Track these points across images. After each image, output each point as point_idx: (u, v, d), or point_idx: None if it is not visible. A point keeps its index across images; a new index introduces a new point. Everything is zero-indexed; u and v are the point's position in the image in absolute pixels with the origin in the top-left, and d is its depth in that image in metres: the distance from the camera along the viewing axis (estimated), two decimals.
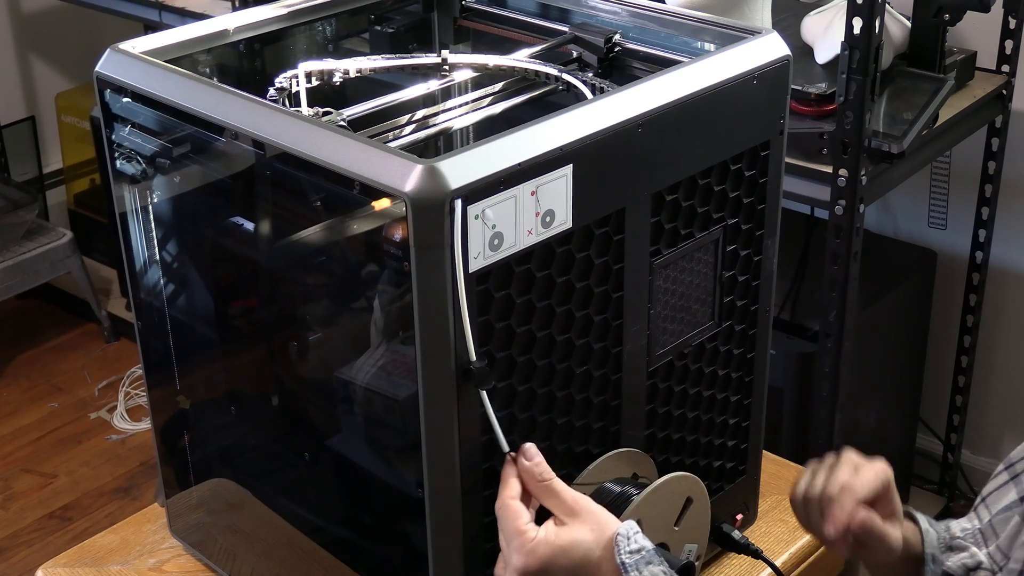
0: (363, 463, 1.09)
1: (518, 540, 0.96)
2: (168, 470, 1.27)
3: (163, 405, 1.25)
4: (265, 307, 1.13)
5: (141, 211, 1.14)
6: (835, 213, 1.86)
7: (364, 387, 1.01)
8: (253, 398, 1.18)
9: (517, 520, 0.96)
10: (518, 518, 0.96)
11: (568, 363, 1.02)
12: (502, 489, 0.98)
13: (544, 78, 1.16)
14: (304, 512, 1.16)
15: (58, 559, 1.29)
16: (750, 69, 1.06)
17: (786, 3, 2.20)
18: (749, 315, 1.17)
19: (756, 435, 1.24)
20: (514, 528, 0.96)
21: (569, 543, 0.95)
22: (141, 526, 1.32)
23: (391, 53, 1.21)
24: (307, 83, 1.11)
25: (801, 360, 2.11)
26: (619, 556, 0.94)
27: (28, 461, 2.87)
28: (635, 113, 0.98)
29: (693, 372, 1.14)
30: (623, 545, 0.95)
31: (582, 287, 1.00)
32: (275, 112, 0.98)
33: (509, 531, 0.96)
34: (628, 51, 1.19)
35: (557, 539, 0.95)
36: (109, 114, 1.10)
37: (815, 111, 1.88)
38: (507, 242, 0.92)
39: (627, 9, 1.22)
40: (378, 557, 1.10)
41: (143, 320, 1.20)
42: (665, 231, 1.05)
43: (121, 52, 1.10)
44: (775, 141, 1.12)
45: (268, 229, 1.06)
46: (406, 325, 0.91)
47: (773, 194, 1.14)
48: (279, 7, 1.22)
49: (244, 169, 1.03)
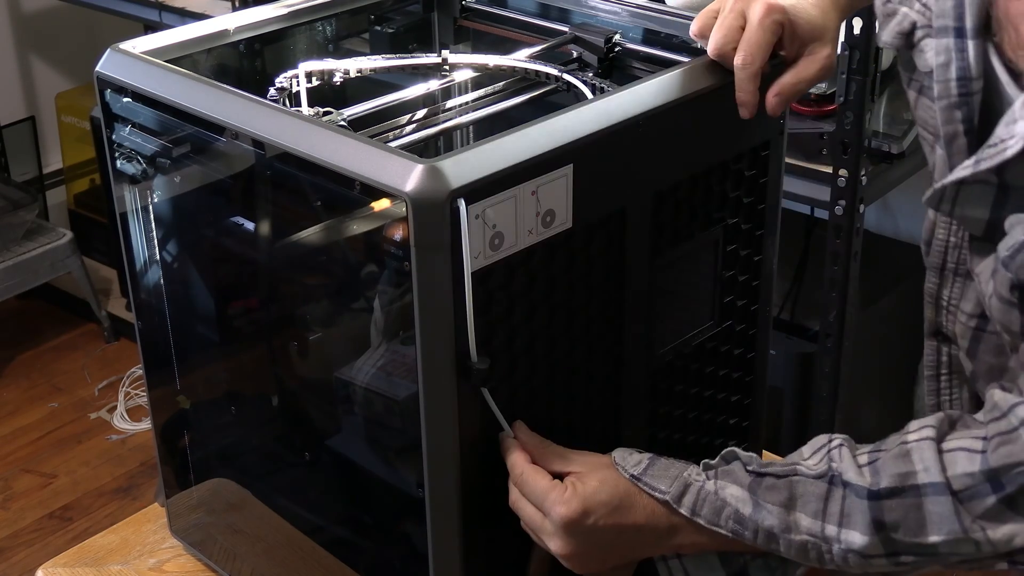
0: (363, 463, 1.09)
1: (553, 494, 0.96)
2: (168, 470, 1.27)
3: (163, 405, 1.25)
4: (265, 307, 1.13)
5: (141, 211, 1.14)
6: (835, 213, 1.86)
7: (364, 387, 1.01)
8: (253, 398, 1.18)
9: (543, 479, 0.97)
10: (543, 477, 0.97)
11: (568, 363, 1.02)
12: (515, 459, 0.98)
13: (544, 78, 1.16)
14: (304, 512, 1.16)
15: (58, 559, 1.29)
16: None
17: None
18: (749, 315, 1.17)
19: (756, 435, 1.24)
20: (544, 486, 0.97)
21: (599, 481, 0.96)
22: (141, 526, 1.32)
23: (391, 53, 1.21)
24: (307, 83, 1.11)
25: (801, 360, 2.11)
26: (626, 473, 0.97)
27: (28, 461, 2.87)
28: (635, 113, 0.98)
29: (693, 372, 1.14)
30: (624, 463, 0.98)
31: (582, 287, 1.00)
32: (275, 112, 0.98)
33: (540, 490, 0.97)
34: (628, 51, 1.19)
35: (586, 484, 0.96)
36: (109, 114, 1.10)
37: (815, 111, 1.88)
38: (507, 242, 0.92)
39: (627, 9, 1.22)
40: (378, 557, 1.10)
41: (143, 320, 1.20)
42: (665, 231, 1.05)
43: (121, 52, 1.10)
44: (775, 141, 1.12)
45: (268, 229, 1.06)
46: (406, 325, 0.91)
47: (773, 194, 1.14)
48: (279, 7, 1.22)
49: (244, 169, 1.03)
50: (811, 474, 0.93)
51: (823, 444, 0.95)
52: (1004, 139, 0.86)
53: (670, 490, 0.95)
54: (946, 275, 1.00)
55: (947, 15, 0.92)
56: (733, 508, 0.94)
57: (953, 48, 0.91)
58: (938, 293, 1.01)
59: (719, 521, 0.94)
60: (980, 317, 0.97)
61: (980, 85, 0.90)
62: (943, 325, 1.02)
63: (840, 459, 0.92)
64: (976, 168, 0.88)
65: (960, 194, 0.91)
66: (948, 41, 0.92)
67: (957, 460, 0.87)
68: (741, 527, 0.94)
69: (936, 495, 0.87)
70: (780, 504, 0.93)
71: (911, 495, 0.88)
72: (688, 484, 0.96)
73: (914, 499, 0.88)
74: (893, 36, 0.99)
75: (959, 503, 0.86)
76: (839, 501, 0.91)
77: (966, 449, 0.87)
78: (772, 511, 0.93)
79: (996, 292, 0.90)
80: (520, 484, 0.98)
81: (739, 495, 0.94)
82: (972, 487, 0.86)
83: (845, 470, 0.91)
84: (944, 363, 1.05)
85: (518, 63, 1.18)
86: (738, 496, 0.94)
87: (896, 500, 0.89)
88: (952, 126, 0.92)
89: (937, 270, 1.00)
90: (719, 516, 0.94)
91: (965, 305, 0.99)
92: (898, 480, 0.89)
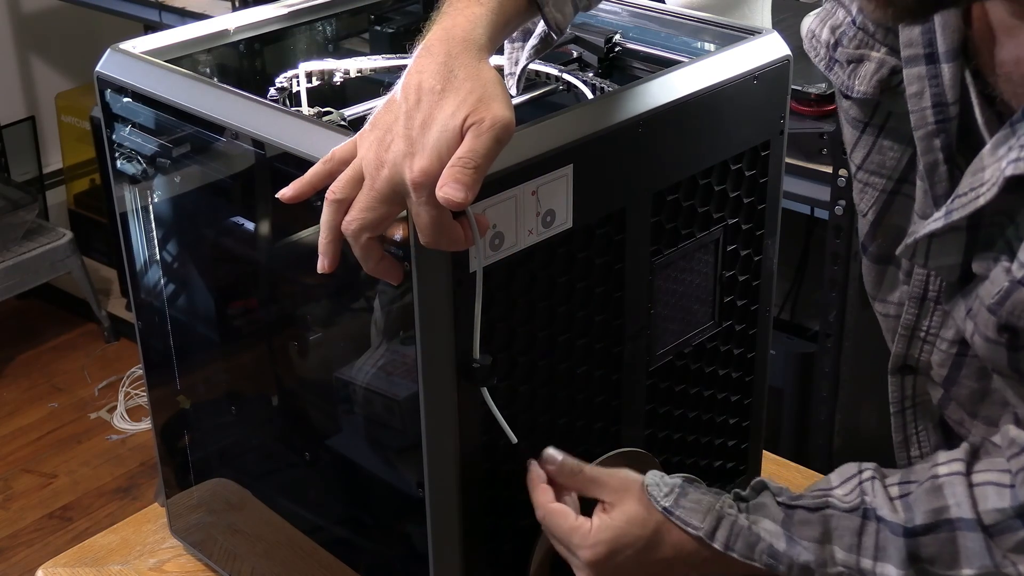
0: (363, 463, 1.09)
1: (578, 536, 0.96)
2: (168, 470, 1.27)
3: (163, 405, 1.25)
4: (265, 307, 1.13)
5: (141, 211, 1.14)
6: (835, 213, 1.86)
7: (364, 387, 1.01)
8: (253, 398, 1.18)
9: (567, 518, 0.97)
10: (567, 516, 0.97)
11: (568, 363, 1.02)
12: (538, 497, 0.98)
13: (544, 78, 1.16)
14: (304, 512, 1.16)
15: (58, 559, 1.29)
16: (750, 69, 1.06)
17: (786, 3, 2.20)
18: (749, 315, 1.17)
19: (756, 435, 1.24)
20: (568, 527, 0.96)
21: (627, 519, 0.96)
22: (141, 526, 1.32)
23: (391, 53, 1.21)
24: (307, 83, 1.11)
25: (801, 360, 2.11)
26: (659, 506, 0.96)
27: (28, 461, 2.87)
28: (635, 113, 0.98)
29: (693, 372, 1.14)
30: (656, 494, 0.96)
31: (582, 287, 1.00)
32: (275, 112, 0.98)
33: (564, 531, 0.96)
34: (628, 51, 1.19)
35: (614, 520, 0.96)
36: (109, 114, 1.10)
37: (815, 111, 1.88)
38: (507, 242, 0.92)
39: (627, 9, 1.22)
40: (378, 557, 1.10)
41: (143, 320, 1.20)
42: (665, 231, 1.05)
43: (121, 52, 1.10)
44: (775, 141, 1.12)
45: (268, 229, 1.06)
46: (406, 325, 0.91)
47: (773, 194, 1.14)
48: (279, 7, 1.22)
49: (244, 169, 1.03)
50: (844, 507, 0.93)
51: (853, 474, 0.94)
52: (974, 187, 0.86)
53: (703, 525, 0.95)
54: (927, 304, 0.99)
55: (916, 43, 0.90)
56: (767, 543, 0.93)
57: (926, 75, 0.90)
58: (915, 324, 1.01)
59: (753, 555, 0.94)
60: (961, 343, 0.97)
61: (957, 110, 0.89)
62: (913, 358, 1.02)
63: (873, 493, 0.92)
64: (948, 220, 0.88)
65: (932, 246, 0.91)
66: (920, 69, 0.90)
67: (987, 495, 0.87)
68: (775, 561, 0.94)
69: (968, 530, 0.87)
70: (814, 540, 0.93)
71: (945, 530, 0.88)
72: (721, 518, 0.95)
73: (948, 533, 0.88)
74: (872, 86, 0.97)
75: (990, 537, 0.87)
76: (873, 535, 0.91)
77: (995, 484, 0.88)
78: (808, 547, 0.92)
79: (979, 332, 0.90)
80: (545, 526, 0.98)
81: (772, 529, 0.94)
82: (1002, 522, 0.86)
83: (879, 506, 0.91)
84: (908, 396, 1.06)
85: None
86: (771, 531, 0.94)
87: (931, 536, 0.89)
88: (932, 155, 0.92)
89: (917, 300, 1.00)
90: (753, 551, 0.94)
91: (946, 333, 0.98)
92: (932, 516, 0.89)
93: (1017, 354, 0.89)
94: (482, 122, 0.81)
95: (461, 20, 0.87)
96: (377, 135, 0.84)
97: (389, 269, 0.87)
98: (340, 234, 0.85)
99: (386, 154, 0.83)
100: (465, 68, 0.84)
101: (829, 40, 1.00)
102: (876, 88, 0.96)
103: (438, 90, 0.83)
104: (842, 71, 0.99)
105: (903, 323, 1.01)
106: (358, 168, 0.84)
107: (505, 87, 0.85)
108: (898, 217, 1.00)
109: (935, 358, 1.00)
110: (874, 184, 1.01)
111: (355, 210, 0.84)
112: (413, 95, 0.83)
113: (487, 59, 0.87)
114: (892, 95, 0.96)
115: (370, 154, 0.84)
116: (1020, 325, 0.86)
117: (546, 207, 0.93)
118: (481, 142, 0.81)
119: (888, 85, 0.95)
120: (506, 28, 0.91)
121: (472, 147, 0.81)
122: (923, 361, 1.02)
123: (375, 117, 0.86)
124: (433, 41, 0.86)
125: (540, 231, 0.94)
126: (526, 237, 0.93)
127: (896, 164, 0.99)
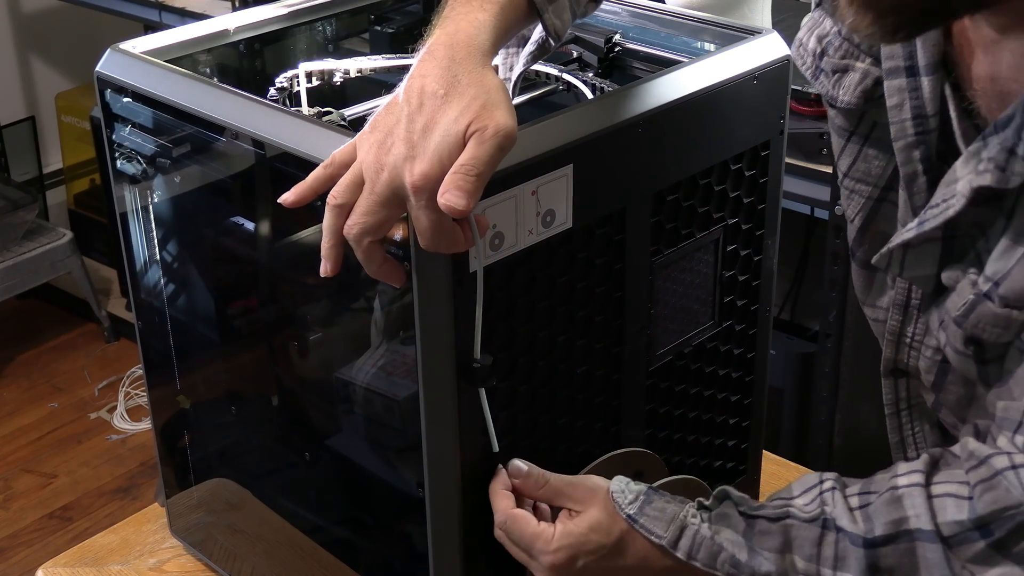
0: (363, 463, 1.09)
1: (540, 542, 0.96)
2: (168, 470, 1.27)
3: (163, 405, 1.25)
4: (265, 307, 1.13)
5: (141, 211, 1.14)
6: (835, 213, 1.86)
7: (364, 387, 1.01)
8: (253, 398, 1.18)
9: (529, 524, 0.96)
10: (528, 522, 0.96)
11: (568, 363, 1.02)
12: (500, 503, 0.97)
13: (544, 78, 1.16)
14: (304, 512, 1.16)
15: (58, 559, 1.29)
16: (750, 69, 1.06)
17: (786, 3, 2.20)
18: (749, 315, 1.17)
19: (756, 435, 1.24)
20: (531, 533, 0.96)
21: (590, 525, 0.96)
22: (141, 526, 1.32)
23: (391, 53, 1.21)
24: (307, 83, 1.11)
25: (801, 360, 2.11)
26: (623, 513, 0.95)
27: (28, 461, 2.87)
28: (635, 113, 0.98)
29: (693, 372, 1.14)
30: (621, 501, 0.96)
31: (582, 287, 1.00)
32: (275, 112, 0.98)
33: (526, 537, 0.96)
34: (628, 51, 1.19)
35: (577, 527, 0.96)
36: (109, 114, 1.10)
37: (815, 111, 1.88)
38: (507, 242, 0.92)
39: (627, 9, 1.22)
40: (378, 557, 1.10)
41: (143, 320, 1.20)
42: (665, 231, 1.05)
43: (121, 52, 1.10)
44: (775, 141, 1.12)
45: (268, 229, 1.06)
46: (406, 325, 0.91)
47: (773, 194, 1.14)
48: (279, 7, 1.22)
49: (244, 169, 1.03)
50: (804, 517, 0.93)
51: (814, 484, 0.95)
52: (946, 198, 0.86)
53: (666, 535, 0.95)
54: (910, 311, 0.99)
55: (896, 55, 0.90)
56: (729, 553, 0.94)
57: (906, 87, 0.90)
58: (900, 331, 1.01)
59: (715, 565, 0.94)
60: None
61: (936, 123, 0.90)
62: (903, 362, 1.02)
63: (833, 503, 0.92)
64: (920, 230, 0.88)
65: (907, 256, 0.91)
66: (900, 81, 0.91)
67: (946, 507, 0.87)
68: (737, 571, 0.94)
69: (927, 542, 0.87)
70: (775, 550, 0.93)
71: (904, 541, 0.88)
72: (684, 527, 0.95)
73: (907, 544, 0.88)
74: (856, 97, 0.97)
75: (949, 548, 0.87)
76: (832, 546, 0.91)
77: (953, 495, 0.87)
78: (769, 557, 0.92)
79: (949, 343, 0.90)
80: (506, 530, 0.97)
81: (734, 540, 0.94)
82: (961, 533, 0.86)
83: (839, 516, 0.91)
84: (903, 398, 1.05)
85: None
86: (733, 541, 0.94)
87: (890, 547, 0.89)
88: (911, 166, 0.92)
89: (901, 307, 1.00)
90: (715, 560, 0.94)
91: (930, 340, 0.98)
92: (892, 527, 0.89)
93: (985, 367, 0.89)
94: (485, 129, 0.81)
95: (465, 25, 0.87)
96: (377, 138, 0.84)
97: (391, 272, 0.87)
98: (342, 239, 0.85)
99: (386, 157, 0.83)
100: (469, 74, 0.84)
101: (816, 49, 1.00)
102: (860, 98, 0.96)
103: (441, 95, 0.83)
104: (827, 80, 0.99)
105: (889, 329, 1.01)
106: (358, 172, 0.84)
107: (508, 94, 0.85)
108: (885, 224, 1.00)
109: (922, 364, 1.00)
110: (860, 191, 1.01)
111: (356, 214, 0.84)
112: (415, 99, 0.83)
113: (491, 65, 0.87)
114: (876, 105, 0.96)
115: (370, 157, 0.84)
116: (985, 338, 0.86)
117: (546, 207, 0.93)
118: (484, 150, 0.81)
119: (872, 96, 0.96)
120: (507, 34, 0.91)
121: (475, 154, 0.81)
122: (912, 366, 1.02)
123: (375, 119, 0.86)
124: (436, 45, 0.86)
125: (540, 231, 0.94)
126: (526, 237, 0.93)
127: (882, 172, 0.99)
